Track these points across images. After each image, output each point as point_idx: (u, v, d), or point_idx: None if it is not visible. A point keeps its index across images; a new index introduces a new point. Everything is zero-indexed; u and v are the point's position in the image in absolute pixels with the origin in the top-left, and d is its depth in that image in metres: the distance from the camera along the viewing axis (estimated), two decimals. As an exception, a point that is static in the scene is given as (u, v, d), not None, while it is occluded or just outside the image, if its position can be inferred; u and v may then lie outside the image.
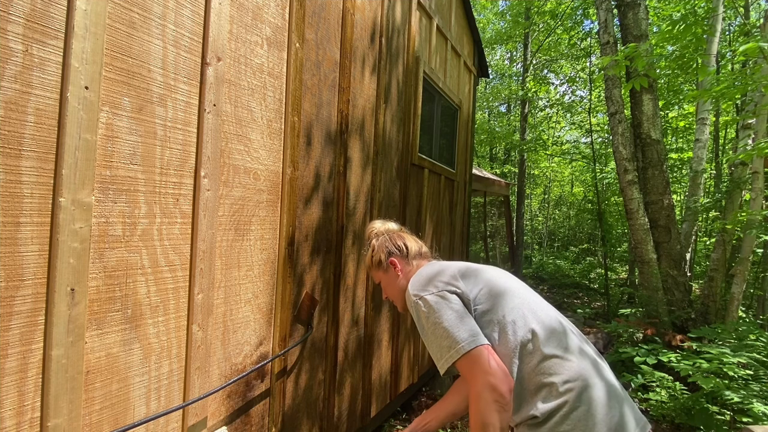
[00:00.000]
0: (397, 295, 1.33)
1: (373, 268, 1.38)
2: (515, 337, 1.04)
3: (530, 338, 1.04)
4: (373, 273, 1.39)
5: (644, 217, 4.74)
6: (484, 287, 1.13)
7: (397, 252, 1.34)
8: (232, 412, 1.49)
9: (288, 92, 1.69)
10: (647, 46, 3.57)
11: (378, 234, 1.40)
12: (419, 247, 1.38)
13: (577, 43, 10.10)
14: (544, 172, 15.70)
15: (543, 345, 1.03)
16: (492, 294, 1.12)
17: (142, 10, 1.13)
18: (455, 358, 1.00)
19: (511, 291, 1.14)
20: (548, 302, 1.21)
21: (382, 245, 1.35)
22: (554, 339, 1.05)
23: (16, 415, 0.91)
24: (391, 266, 1.33)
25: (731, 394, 2.79)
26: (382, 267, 1.34)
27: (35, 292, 0.93)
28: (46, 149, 0.94)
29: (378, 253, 1.35)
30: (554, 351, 1.02)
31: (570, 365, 1.01)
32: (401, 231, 1.43)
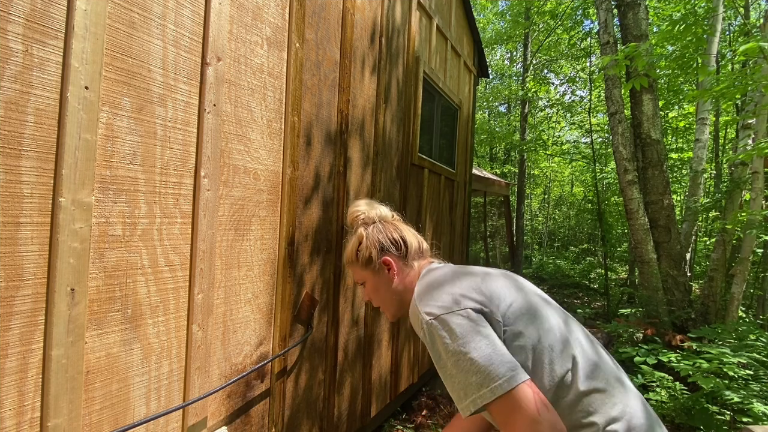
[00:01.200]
0: (389, 301, 1.08)
1: (357, 264, 1.08)
2: (553, 367, 0.85)
3: (569, 368, 0.85)
4: (356, 271, 1.10)
5: (644, 217, 4.74)
6: (514, 302, 0.90)
7: (394, 249, 1.06)
8: (232, 412, 1.49)
9: (288, 92, 1.69)
10: (647, 46, 3.57)
11: (366, 221, 1.10)
12: (419, 242, 1.11)
13: (577, 43, 10.11)
14: (544, 172, 15.70)
15: (584, 376, 0.85)
16: (524, 311, 0.90)
17: (142, 10, 1.13)
18: (489, 399, 0.77)
19: (544, 307, 0.94)
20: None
21: (374, 238, 1.07)
22: (595, 368, 0.87)
23: (16, 415, 0.91)
24: (384, 267, 1.06)
25: (731, 394, 2.79)
26: (371, 266, 1.06)
27: (35, 292, 0.93)
28: (46, 149, 0.94)
29: (368, 249, 1.06)
30: (596, 384, 0.85)
31: (613, 401, 0.84)
32: (395, 219, 1.14)
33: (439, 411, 3.30)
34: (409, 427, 3.00)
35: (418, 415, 3.14)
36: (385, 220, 1.12)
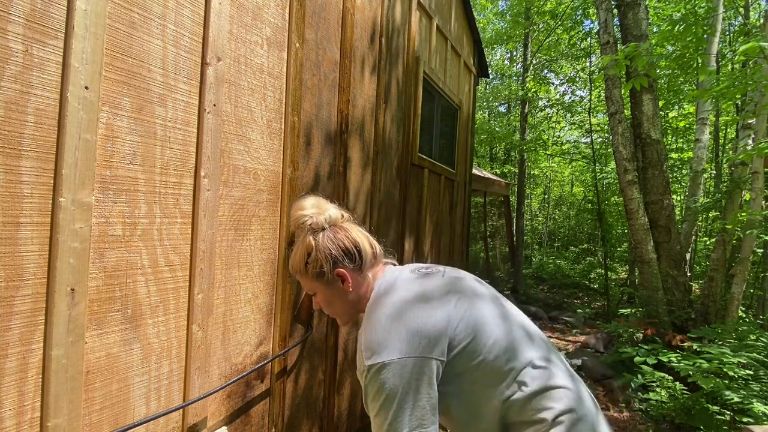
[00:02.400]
0: (342, 313, 1.03)
1: (306, 276, 1.00)
2: (502, 370, 0.88)
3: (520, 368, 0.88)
4: (305, 282, 1.02)
5: (644, 217, 4.74)
6: (462, 319, 0.89)
7: (347, 260, 0.98)
8: (232, 412, 1.49)
9: (288, 92, 1.69)
10: (647, 46, 3.57)
11: (315, 228, 0.99)
12: (372, 249, 1.03)
13: (577, 43, 10.10)
14: (544, 172, 15.70)
15: (533, 377, 0.87)
16: (472, 323, 0.89)
17: (142, 10, 1.13)
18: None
19: (491, 313, 0.93)
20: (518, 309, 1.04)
21: (326, 249, 0.97)
22: (543, 367, 0.89)
23: (16, 415, 0.91)
24: (338, 278, 0.98)
25: (731, 394, 2.79)
26: (323, 279, 0.98)
27: (35, 292, 0.93)
28: (46, 149, 0.94)
29: (319, 261, 0.97)
30: (545, 382, 0.88)
31: (561, 394, 0.87)
32: (345, 220, 1.05)
33: (439, 411, 3.29)
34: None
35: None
36: (335, 224, 1.02)
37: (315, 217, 1.00)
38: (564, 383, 0.89)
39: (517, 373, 0.88)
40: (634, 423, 3.37)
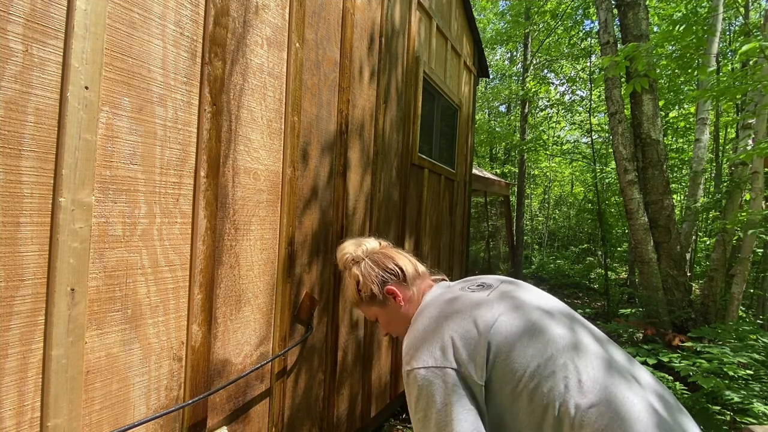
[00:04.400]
0: (403, 327, 1.05)
1: (363, 304, 1.09)
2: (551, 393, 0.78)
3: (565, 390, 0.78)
4: (365, 309, 1.10)
5: (644, 217, 4.74)
6: (502, 333, 0.85)
7: (392, 278, 1.06)
8: (232, 412, 1.49)
9: (288, 92, 1.69)
10: (647, 46, 3.57)
11: (357, 260, 1.09)
12: (414, 265, 1.11)
13: (578, 43, 10.10)
14: (544, 172, 15.69)
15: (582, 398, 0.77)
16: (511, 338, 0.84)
17: (142, 10, 1.13)
18: None
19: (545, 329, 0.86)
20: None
21: (370, 274, 1.06)
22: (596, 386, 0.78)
23: (16, 415, 0.91)
24: (389, 297, 1.06)
25: (731, 394, 2.79)
26: (376, 301, 1.06)
27: (35, 292, 0.93)
28: (46, 149, 0.94)
29: (367, 285, 1.05)
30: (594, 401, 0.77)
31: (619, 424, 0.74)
32: (384, 248, 1.13)
33: (439, 411, 3.29)
34: (409, 427, 3.00)
35: (418, 415, 3.14)
36: (374, 252, 1.10)
37: (354, 251, 1.10)
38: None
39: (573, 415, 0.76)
40: (634, 423, 3.36)
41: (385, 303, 1.06)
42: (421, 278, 1.10)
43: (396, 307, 1.06)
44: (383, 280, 1.06)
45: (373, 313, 1.10)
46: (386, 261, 1.08)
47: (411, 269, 1.09)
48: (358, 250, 1.10)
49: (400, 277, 1.07)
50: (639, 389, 0.80)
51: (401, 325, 1.07)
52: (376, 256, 1.09)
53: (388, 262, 1.08)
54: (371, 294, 1.06)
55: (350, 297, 1.11)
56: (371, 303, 1.07)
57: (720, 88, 3.55)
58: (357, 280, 1.07)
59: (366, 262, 1.08)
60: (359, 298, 1.08)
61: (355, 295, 1.09)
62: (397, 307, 1.06)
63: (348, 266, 1.10)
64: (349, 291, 1.11)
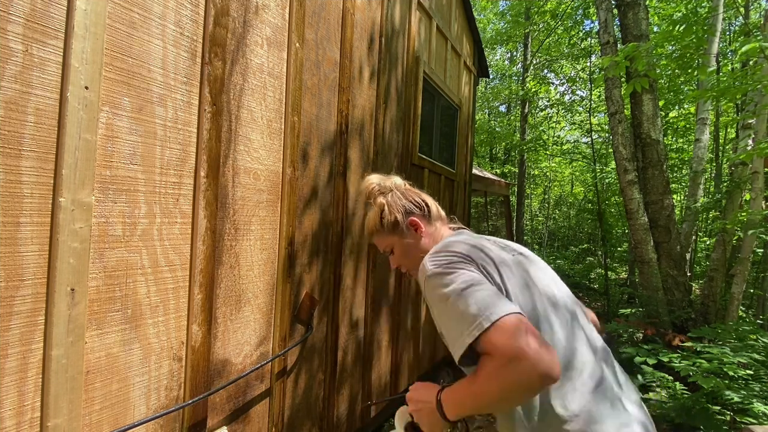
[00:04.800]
0: (418, 261, 1.04)
1: (382, 232, 1.10)
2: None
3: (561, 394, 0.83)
4: (383, 238, 1.12)
5: (644, 217, 4.74)
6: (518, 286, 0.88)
7: (417, 209, 1.10)
8: (232, 412, 1.49)
9: (288, 92, 1.69)
10: (648, 46, 3.57)
11: (383, 190, 1.13)
12: (437, 207, 1.14)
13: (578, 43, 10.11)
14: (544, 172, 15.69)
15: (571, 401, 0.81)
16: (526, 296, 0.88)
17: (142, 10, 1.13)
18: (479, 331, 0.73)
19: (549, 316, 0.88)
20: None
21: (396, 203, 1.09)
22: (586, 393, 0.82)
23: (16, 415, 0.91)
24: (411, 228, 1.08)
25: (731, 394, 2.79)
26: (398, 230, 1.08)
27: (35, 292, 0.93)
28: (46, 149, 0.94)
29: (392, 213, 1.08)
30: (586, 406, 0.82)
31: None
32: (408, 186, 1.17)
33: (439, 411, 3.29)
34: (409, 427, 3.00)
35: (418, 415, 3.14)
36: (401, 186, 1.15)
37: (382, 183, 1.14)
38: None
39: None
40: (634, 423, 3.36)
41: (406, 234, 1.09)
42: (442, 221, 1.14)
43: (416, 240, 1.08)
44: (408, 211, 1.09)
45: (390, 243, 1.11)
46: (413, 194, 1.13)
47: (435, 208, 1.13)
48: (387, 181, 1.15)
49: (425, 212, 1.11)
50: (625, 417, 0.81)
51: (417, 258, 1.06)
52: (403, 189, 1.14)
53: (415, 195, 1.13)
54: (394, 222, 1.08)
55: (371, 225, 1.12)
56: (392, 232, 1.09)
57: (720, 88, 3.55)
58: (382, 209, 1.10)
59: (394, 192, 1.12)
60: (380, 226, 1.10)
61: (377, 223, 1.10)
62: (417, 239, 1.08)
63: (373, 195, 1.14)
64: (371, 219, 1.12)
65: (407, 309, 3.05)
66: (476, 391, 0.75)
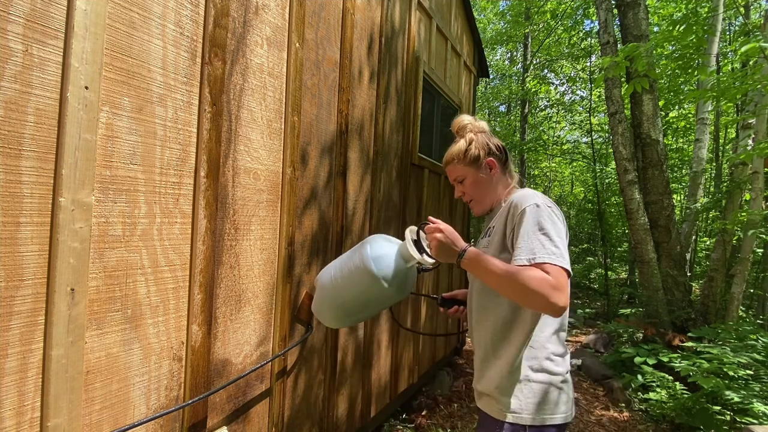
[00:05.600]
0: (483, 196, 1.27)
1: (462, 162, 1.26)
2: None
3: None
4: (460, 168, 1.27)
5: (644, 217, 4.74)
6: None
7: (498, 153, 1.26)
8: (233, 412, 1.49)
9: (288, 92, 1.69)
10: (648, 46, 3.56)
11: (473, 129, 1.28)
12: (512, 162, 1.32)
13: (578, 43, 10.10)
14: (544, 172, 15.68)
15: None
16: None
17: (142, 10, 1.13)
18: (552, 261, 1.01)
19: None
20: None
21: (483, 142, 1.25)
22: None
23: (16, 415, 0.91)
24: (488, 167, 1.25)
25: (731, 394, 2.79)
26: (477, 164, 1.24)
27: (35, 292, 0.93)
28: (46, 149, 0.94)
29: (477, 149, 1.24)
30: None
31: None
32: (493, 134, 1.33)
33: (439, 411, 3.30)
34: (409, 427, 3.00)
35: (418, 415, 3.14)
36: (487, 132, 1.30)
37: (474, 123, 1.30)
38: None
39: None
40: (634, 423, 3.37)
41: (482, 169, 1.25)
42: (513, 178, 1.30)
43: (488, 177, 1.25)
44: (490, 151, 1.25)
45: (464, 173, 1.27)
46: (498, 142, 1.28)
47: (510, 162, 1.30)
48: (479, 123, 1.30)
49: (503, 159, 1.27)
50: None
51: (485, 191, 1.26)
52: (490, 134, 1.29)
53: (499, 142, 1.28)
54: (476, 156, 1.24)
55: (453, 153, 1.27)
56: (471, 164, 1.25)
57: (720, 88, 3.55)
58: (470, 142, 1.25)
59: (484, 134, 1.28)
60: (463, 155, 1.25)
61: (460, 152, 1.25)
62: (489, 177, 1.25)
63: (463, 130, 1.29)
64: (456, 148, 1.27)
65: (407, 309, 3.05)
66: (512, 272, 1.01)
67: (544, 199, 1.14)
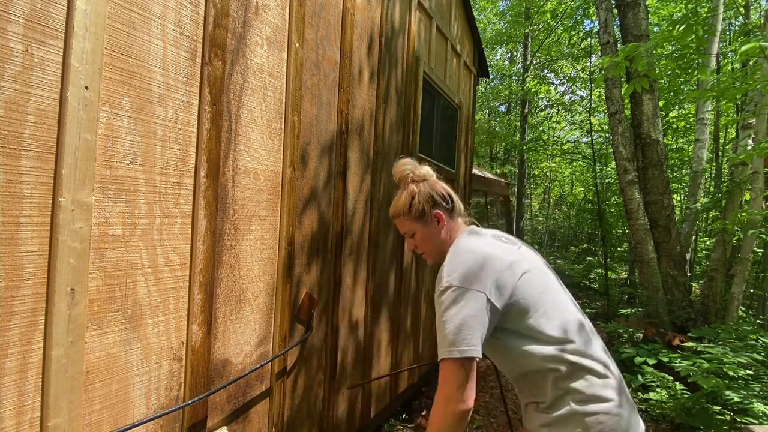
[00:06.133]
0: (434, 250, 1.22)
1: (407, 216, 1.20)
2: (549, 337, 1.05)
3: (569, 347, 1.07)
4: (406, 222, 1.21)
5: (644, 217, 4.74)
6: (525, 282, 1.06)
7: (443, 204, 1.20)
8: (233, 412, 1.49)
9: (288, 92, 1.69)
10: (648, 46, 3.56)
11: (416, 179, 1.21)
12: (459, 202, 1.24)
13: (578, 43, 10.10)
14: (544, 172, 15.70)
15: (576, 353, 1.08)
16: (533, 289, 1.07)
17: (142, 10, 1.13)
18: (447, 356, 0.98)
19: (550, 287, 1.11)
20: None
21: (426, 193, 1.18)
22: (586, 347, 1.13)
23: (16, 415, 0.91)
24: (434, 219, 1.19)
25: (731, 394, 2.79)
26: (422, 218, 1.19)
27: (35, 292, 0.93)
28: (46, 149, 0.94)
29: (421, 203, 1.18)
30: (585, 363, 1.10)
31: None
32: (436, 179, 1.25)
33: (439, 411, 3.29)
34: (410, 427, 3.00)
35: (418, 415, 3.14)
36: (432, 177, 1.24)
37: (416, 170, 1.22)
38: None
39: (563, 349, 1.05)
40: (634, 423, 3.36)
41: (428, 223, 1.20)
42: (461, 216, 1.25)
43: (437, 230, 1.20)
44: (435, 203, 1.19)
45: (412, 228, 1.22)
46: (442, 188, 1.22)
47: (458, 204, 1.24)
48: (420, 170, 1.22)
49: (450, 207, 1.21)
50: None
51: (434, 246, 1.21)
52: (434, 182, 1.23)
53: (443, 189, 1.22)
54: (421, 211, 1.18)
55: (398, 208, 1.21)
56: (417, 219, 1.20)
57: (720, 88, 3.55)
58: (413, 195, 1.19)
59: (427, 183, 1.21)
60: (407, 211, 1.20)
61: (405, 207, 1.20)
62: (438, 230, 1.20)
63: (406, 181, 1.22)
64: (400, 203, 1.21)
65: (407, 309, 3.05)
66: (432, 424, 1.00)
67: (468, 252, 1.08)
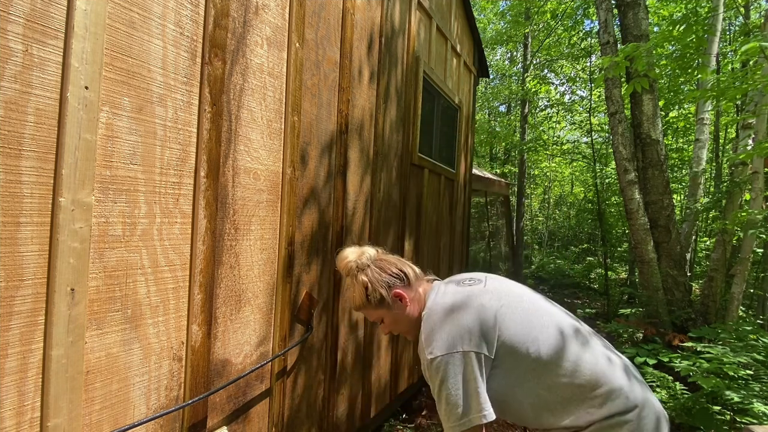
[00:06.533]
0: (409, 328, 1.19)
1: (370, 307, 1.16)
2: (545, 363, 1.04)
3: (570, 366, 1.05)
4: (371, 312, 1.18)
5: (644, 217, 4.73)
6: (506, 316, 1.05)
7: (398, 281, 1.16)
8: (232, 412, 1.49)
9: (288, 92, 1.69)
10: (648, 46, 3.56)
11: (360, 267, 1.16)
12: (412, 268, 1.21)
13: (578, 43, 10.10)
14: (544, 172, 15.68)
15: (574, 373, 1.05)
16: (516, 321, 1.06)
17: (142, 10, 1.13)
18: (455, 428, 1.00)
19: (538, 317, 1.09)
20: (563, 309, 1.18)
21: (378, 279, 1.14)
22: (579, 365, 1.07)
23: (16, 415, 0.91)
24: (396, 300, 1.15)
25: (731, 394, 2.79)
26: (384, 304, 1.15)
27: (35, 292, 0.93)
28: (46, 149, 0.94)
29: (376, 290, 1.13)
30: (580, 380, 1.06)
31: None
32: (382, 255, 1.22)
33: (439, 411, 3.29)
34: (410, 427, 3.00)
35: (418, 415, 3.14)
36: (376, 259, 1.19)
37: (359, 259, 1.18)
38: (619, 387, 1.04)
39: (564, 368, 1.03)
40: (634, 423, 3.36)
41: (393, 306, 1.15)
42: (419, 280, 1.21)
43: (402, 309, 1.16)
44: (390, 284, 1.14)
45: (379, 315, 1.18)
46: (390, 266, 1.17)
47: (412, 272, 1.19)
48: (362, 257, 1.18)
49: (405, 281, 1.17)
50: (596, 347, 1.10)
51: (406, 324, 1.18)
52: (380, 262, 1.18)
53: (392, 267, 1.17)
54: (380, 298, 1.14)
55: (357, 302, 1.17)
56: (379, 306, 1.15)
57: (720, 88, 3.55)
58: (365, 286, 1.14)
59: (372, 268, 1.16)
60: (367, 302, 1.15)
61: (363, 300, 1.15)
62: (403, 308, 1.16)
63: (353, 273, 1.17)
64: (356, 296, 1.16)
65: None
66: None
67: (441, 315, 1.07)
